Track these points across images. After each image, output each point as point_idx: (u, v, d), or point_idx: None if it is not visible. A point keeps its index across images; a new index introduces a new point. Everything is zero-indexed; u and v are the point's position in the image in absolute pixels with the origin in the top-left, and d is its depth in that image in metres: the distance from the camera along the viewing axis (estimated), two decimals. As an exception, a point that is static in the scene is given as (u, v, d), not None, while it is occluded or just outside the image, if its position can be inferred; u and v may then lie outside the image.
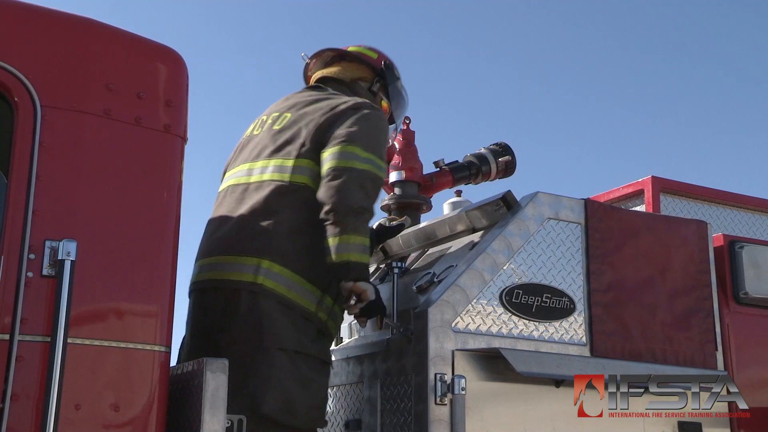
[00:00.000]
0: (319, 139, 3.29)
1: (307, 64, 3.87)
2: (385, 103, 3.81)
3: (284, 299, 3.10)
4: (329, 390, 3.74)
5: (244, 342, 3.05)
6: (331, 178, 3.14)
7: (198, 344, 3.25)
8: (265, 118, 3.58)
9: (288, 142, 3.35)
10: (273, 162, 3.33)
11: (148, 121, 2.62)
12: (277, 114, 3.53)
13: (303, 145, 3.30)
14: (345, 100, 3.43)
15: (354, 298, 3.16)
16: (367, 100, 3.52)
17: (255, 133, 3.55)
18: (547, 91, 14.33)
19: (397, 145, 4.64)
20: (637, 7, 14.06)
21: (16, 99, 2.44)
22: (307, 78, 3.91)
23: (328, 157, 3.20)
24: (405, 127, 4.70)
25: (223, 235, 3.28)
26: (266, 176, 3.30)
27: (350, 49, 3.85)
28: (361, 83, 3.76)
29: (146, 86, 2.65)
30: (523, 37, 14.63)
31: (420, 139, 4.68)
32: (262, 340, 3.04)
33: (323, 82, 3.73)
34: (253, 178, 3.34)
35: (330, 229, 3.12)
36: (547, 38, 14.52)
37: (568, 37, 14.36)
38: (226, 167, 3.62)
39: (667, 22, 14.25)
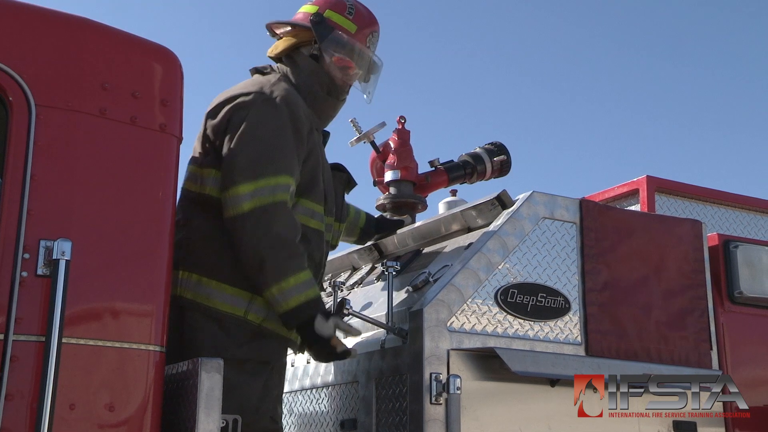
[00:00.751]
0: (211, 146, 3.17)
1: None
2: (340, 58, 3.39)
3: (206, 309, 3.06)
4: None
5: (173, 357, 2.94)
6: (231, 235, 3.04)
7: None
8: None
9: (196, 147, 3.28)
10: (188, 169, 3.29)
11: (144, 120, 2.62)
12: None
13: (201, 153, 3.22)
14: (226, 98, 3.21)
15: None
16: (256, 91, 3.18)
17: None
18: (543, 90, 14.35)
19: (392, 144, 4.63)
20: (632, 7, 14.08)
21: (10, 98, 2.43)
22: None
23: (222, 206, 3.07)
24: (400, 127, 4.69)
25: None
26: (185, 186, 3.27)
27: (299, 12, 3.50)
28: (302, 51, 3.40)
29: (141, 85, 2.64)
30: (518, 36, 14.64)
31: (415, 138, 4.67)
32: (186, 353, 2.93)
33: (276, 62, 3.48)
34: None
35: (259, 289, 3.04)
36: (542, 38, 14.53)
37: (564, 37, 14.38)
38: None
39: (663, 21, 14.27)
